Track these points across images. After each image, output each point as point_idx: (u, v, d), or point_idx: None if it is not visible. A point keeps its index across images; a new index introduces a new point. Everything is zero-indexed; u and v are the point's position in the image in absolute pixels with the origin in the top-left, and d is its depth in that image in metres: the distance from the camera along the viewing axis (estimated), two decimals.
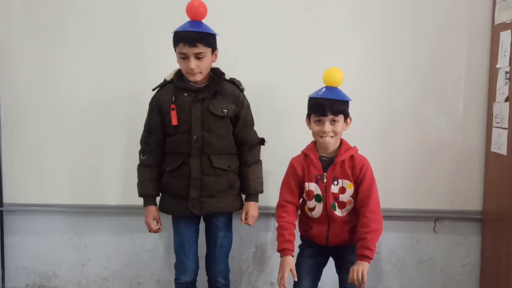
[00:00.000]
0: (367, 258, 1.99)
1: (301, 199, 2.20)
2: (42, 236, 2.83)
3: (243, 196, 2.34)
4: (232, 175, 2.26)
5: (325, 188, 2.10)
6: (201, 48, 2.07)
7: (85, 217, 2.80)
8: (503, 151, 2.29)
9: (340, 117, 2.06)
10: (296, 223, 2.17)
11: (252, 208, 2.29)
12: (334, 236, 2.12)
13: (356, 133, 2.56)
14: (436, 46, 2.53)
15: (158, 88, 2.25)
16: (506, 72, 2.28)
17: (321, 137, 2.06)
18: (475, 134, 2.55)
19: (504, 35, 2.31)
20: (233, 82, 2.25)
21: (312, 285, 2.12)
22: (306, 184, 2.13)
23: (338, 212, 2.12)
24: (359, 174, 2.08)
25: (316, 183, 2.11)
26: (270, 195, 2.47)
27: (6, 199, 2.78)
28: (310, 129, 2.12)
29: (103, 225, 2.80)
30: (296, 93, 2.39)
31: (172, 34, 2.11)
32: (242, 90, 2.27)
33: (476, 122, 2.54)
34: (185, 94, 2.17)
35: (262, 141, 2.34)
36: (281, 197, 2.17)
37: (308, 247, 2.21)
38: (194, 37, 2.06)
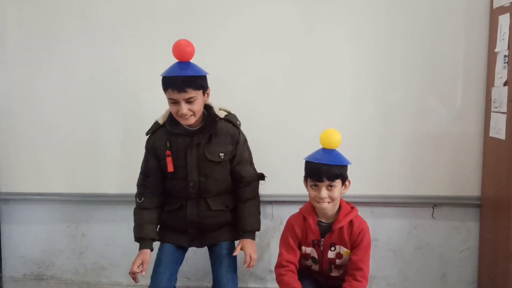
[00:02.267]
0: None
1: None
2: (39, 225, 2.83)
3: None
4: (230, 212, 2.22)
5: (322, 253, 2.07)
6: (191, 93, 1.97)
7: (82, 206, 2.80)
8: (502, 135, 2.27)
9: (338, 182, 1.97)
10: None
11: (249, 247, 2.13)
12: (332, 284, 2.09)
13: (355, 120, 2.57)
14: (433, 31, 2.51)
15: (151, 133, 2.16)
16: (505, 56, 2.27)
17: (318, 202, 1.99)
18: (473, 119, 2.53)
19: (503, 19, 2.29)
20: (228, 120, 2.14)
21: None
22: (303, 248, 2.09)
23: (334, 273, 2.10)
24: (356, 238, 2.02)
25: (313, 247, 2.08)
26: (267, 180, 2.47)
27: (2, 188, 2.77)
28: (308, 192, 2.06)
29: (101, 214, 2.80)
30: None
31: (161, 78, 2.03)
32: (238, 127, 2.17)
33: (475, 107, 2.52)
34: (180, 140, 2.10)
35: (261, 177, 2.26)
36: (282, 257, 2.07)
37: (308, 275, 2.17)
38: (183, 82, 1.95)
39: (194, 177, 2.11)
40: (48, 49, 2.67)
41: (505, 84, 2.27)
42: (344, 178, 2.00)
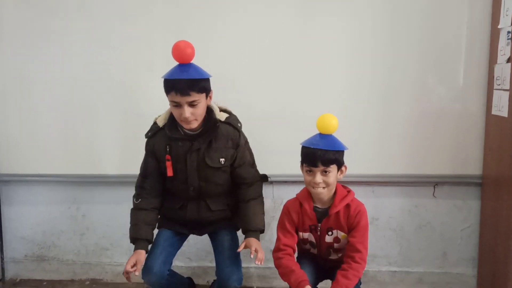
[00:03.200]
0: None
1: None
2: (39, 206, 2.82)
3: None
4: (230, 210, 2.23)
5: (319, 238, 2.06)
6: (194, 96, 1.93)
7: (82, 187, 2.79)
8: (504, 113, 2.25)
9: (333, 168, 1.95)
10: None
11: (256, 244, 2.04)
12: (331, 264, 2.09)
13: (356, 99, 2.55)
14: (435, 7, 2.47)
15: (150, 135, 2.14)
16: (508, 32, 2.23)
17: (313, 187, 1.98)
18: (475, 97, 2.51)
19: None
20: (229, 123, 2.11)
21: (314, 275, 2.07)
22: (300, 233, 2.09)
23: (333, 256, 2.10)
24: (353, 221, 2.01)
25: (310, 232, 2.07)
26: (268, 160, 2.47)
27: (2, 170, 2.76)
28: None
29: (101, 195, 2.80)
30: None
31: (162, 81, 1.99)
32: (239, 129, 2.14)
33: (477, 85, 2.50)
34: (180, 144, 2.07)
35: (264, 178, 2.24)
36: (279, 242, 2.06)
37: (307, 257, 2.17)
38: (186, 85, 1.91)
39: (194, 181, 2.11)
40: (45, 29, 2.63)
41: (508, 61, 2.24)
42: (339, 164, 1.99)
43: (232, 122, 2.12)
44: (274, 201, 2.67)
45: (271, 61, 2.57)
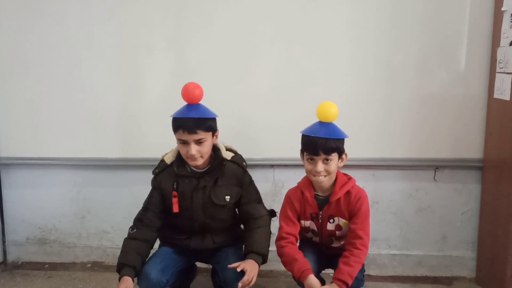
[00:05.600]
0: (346, 285, 1.91)
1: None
2: (40, 189, 2.82)
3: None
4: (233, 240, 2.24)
5: (321, 226, 2.06)
6: (201, 135, 1.99)
7: (83, 170, 2.79)
8: (507, 96, 2.24)
9: (334, 156, 1.95)
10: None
11: (252, 268, 1.95)
12: (333, 252, 2.09)
13: (358, 83, 2.53)
14: None
15: (158, 172, 2.14)
16: None
17: (314, 175, 1.98)
18: (477, 80, 2.49)
19: None
20: (234, 162, 2.14)
21: (317, 263, 2.07)
22: (302, 221, 2.09)
23: (335, 244, 2.10)
24: (354, 207, 2.01)
25: (312, 220, 2.08)
26: (269, 144, 2.47)
27: (2, 153, 2.76)
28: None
29: (102, 178, 2.79)
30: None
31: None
32: (244, 168, 2.17)
33: (479, 68, 2.48)
34: (186, 181, 2.10)
35: (272, 214, 2.22)
36: (282, 230, 2.07)
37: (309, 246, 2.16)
38: (193, 123, 1.97)
39: (199, 218, 2.14)
40: (43, 9, 2.60)
41: (511, 44, 2.22)
42: (340, 152, 1.98)
43: (238, 161, 2.16)
44: (275, 184, 2.68)
45: (272, 42, 2.54)
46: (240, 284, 1.90)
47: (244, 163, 2.19)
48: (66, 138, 2.71)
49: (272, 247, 2.09)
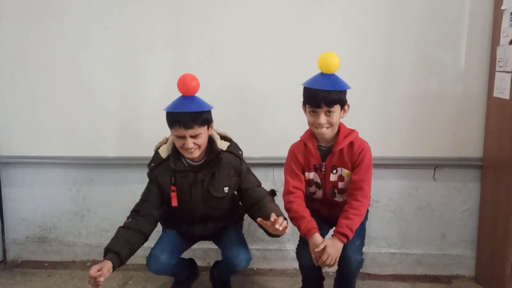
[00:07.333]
0: (346, 238, 1.93)
1: None
2: (40, 188, 2.83)
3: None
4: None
5: (324, 177, 2.07)
6: (197, 129, 1.99)
7: (82, 169, 2.79)
8: (506, 95, 2.24)
9: (336, 107, 1.95)
10: None
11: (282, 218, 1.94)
12: (336, 215, 2.07)
13: (356, 81, 2.52)
14: None
15: (154, 166, 2.14)
16: (511, 14, 2.21)
17: (316, 128, 1.98)
18: (477, 79, 2.49)
19: None
20: (230, 151, 2.15)
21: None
22: (306, 173, 2.09)
23: (338, 198, 2.11)
24: (356, 158, 2.01)
25: (315, 171, 2.08)
26: (269, 143, 2.46)
27: (2, 152, 2.76)
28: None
29: (101, 176, 2.80)
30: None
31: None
32: (240, 157, 2.17)
33: (478, 66, 2.47)
34: (184, 176, 2.11)
35: (272, 193, 2.24)
36: (288, 184, 2.08)
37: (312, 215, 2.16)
38: (189, 119, 1.96)
39: (200, 210, 2.17)
40: (43, 8, 2.60)
41: (511, 43, 2.22)
42: (343, 103, 1.98)
43: (234, 151, 2.17)
44: (275, 183, 2.68)
45: (271, 42, 2.54)
46: (277, 226, 1.85)
47: (240, 151, 2.19)
48: (66, 136, 2.71)
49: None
